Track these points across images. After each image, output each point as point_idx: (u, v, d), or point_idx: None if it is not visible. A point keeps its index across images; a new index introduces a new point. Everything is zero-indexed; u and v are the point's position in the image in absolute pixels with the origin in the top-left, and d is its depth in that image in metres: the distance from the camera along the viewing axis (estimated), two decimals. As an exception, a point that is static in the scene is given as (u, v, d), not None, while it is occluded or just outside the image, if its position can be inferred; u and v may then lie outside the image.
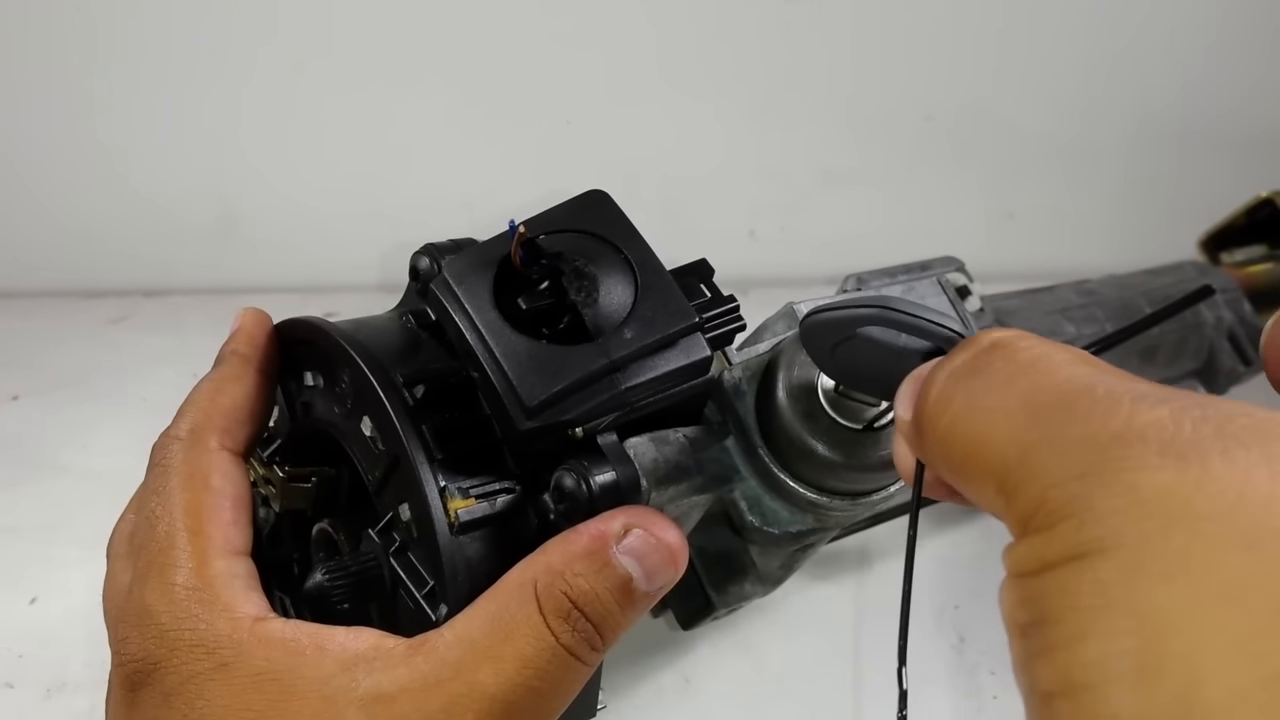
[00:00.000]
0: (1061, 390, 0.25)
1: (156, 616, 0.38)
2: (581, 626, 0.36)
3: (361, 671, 0.36)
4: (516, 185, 0.95)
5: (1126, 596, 0.21)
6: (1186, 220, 0.90)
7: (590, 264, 0.40)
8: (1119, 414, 0.24)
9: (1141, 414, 0.24)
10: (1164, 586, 0.21)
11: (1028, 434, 0.25)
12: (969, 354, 0.29)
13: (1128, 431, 0.23)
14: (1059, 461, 0.24)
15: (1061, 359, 0.27)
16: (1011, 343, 0.28)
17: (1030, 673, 0.24)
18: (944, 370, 0.29)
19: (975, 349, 0.29)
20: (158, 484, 0.41)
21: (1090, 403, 0.25)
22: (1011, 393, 0.26)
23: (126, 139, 0.93)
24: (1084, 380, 0.26)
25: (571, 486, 0.37)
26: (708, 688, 0.63)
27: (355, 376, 0.42)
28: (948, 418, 0.28)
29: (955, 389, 0.28)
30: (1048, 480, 0.24)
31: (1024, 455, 0.25)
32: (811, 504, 0.41)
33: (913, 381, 0.31)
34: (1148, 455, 0.23)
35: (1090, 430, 0.24)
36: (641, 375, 0.38)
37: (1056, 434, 0.24)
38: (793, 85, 0.98)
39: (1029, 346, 0.28)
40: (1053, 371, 0.26)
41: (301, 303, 0.95)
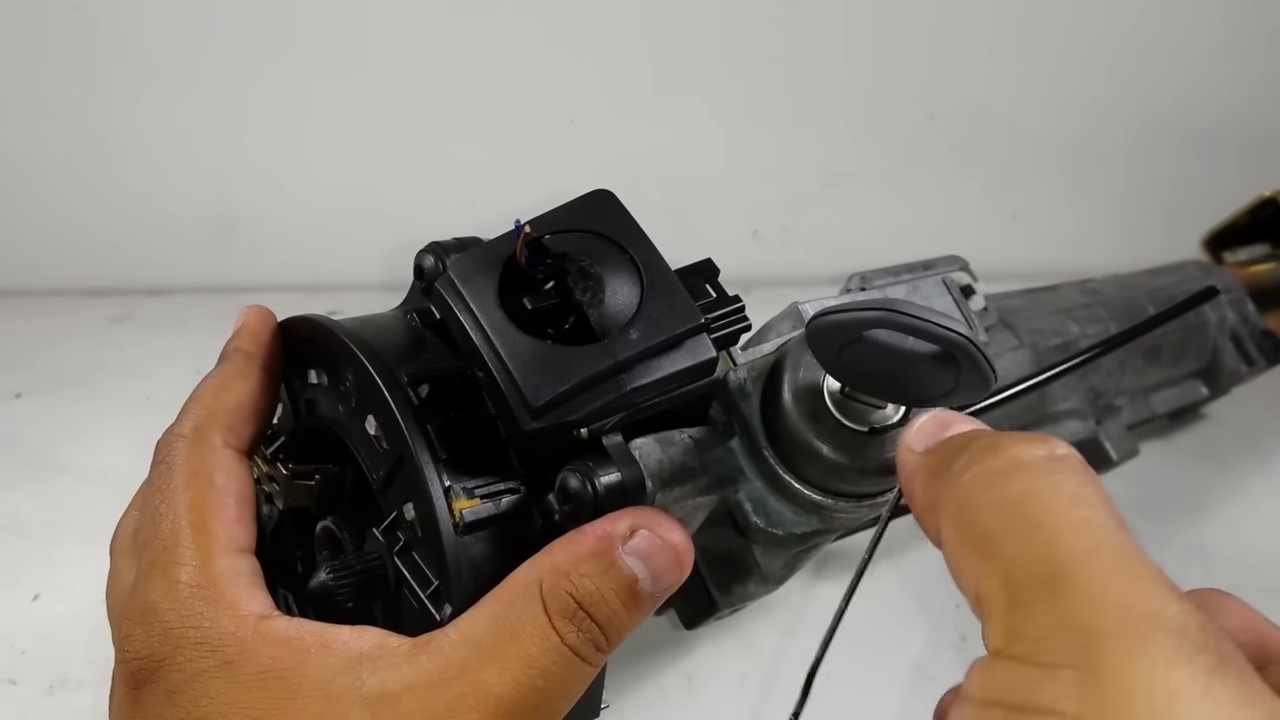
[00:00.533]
0: (1113, 541, 0.26)
1: (161, 614, 0.38)
2: (587, 627, 0.36)
3: (366, 670, 0.36)
4: (519, 184, 0.95)
5: None
6: (1188, 219, 0.90)
7: (596, 264, 0.40)
8: (1158, 595, 0.24)
9: (1174, 605, 0.24)
10: None
11: (1061, 564, 0.25)
12: (1032, 451, 0.28)
13: (1160, 616, 0.24)
14: (1086, 607, 0.24)
15: (1115, 515, 0.27)
16: (1072, 462, 0.28)
17: None
18: (997, 457, 0.29)
19: (1037, 452, 0.28)
20: (161, 481, 0.41)
21: (1134, 570, 0.25)
22: (1067, 516, 0.26)
23: (129, 138, 0.93)
24: (1125, 542, 0.26)
25: (576, 487, 0.37)
26: (710, 687, 0.63)
27: (359, 375, 0.42)
28: (983, 499, 0.28)
29: (1002, 479, 0.28)
30: (1067, 619, 0.24)
31: (1052, 581, 0.25)
32: (816, 505, 0.41)
33: (937, 425, 0.31)
34: (1171, 649, 0.23)
35: (1127, 596, 0.24)
36: (647, 376, 0.38)
37: (1095, 580, 0.24)
38: (795, 85, 0.98)
39: (1086, 480, 0.27)
40: (1109, 519, 0.26)
41: (304, 302, 0.95)
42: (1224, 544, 0.75)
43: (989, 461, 0.29)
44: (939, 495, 0.30)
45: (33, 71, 0.89)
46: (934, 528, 0.30)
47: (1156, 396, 0.77)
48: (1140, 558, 0.25)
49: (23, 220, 0.96)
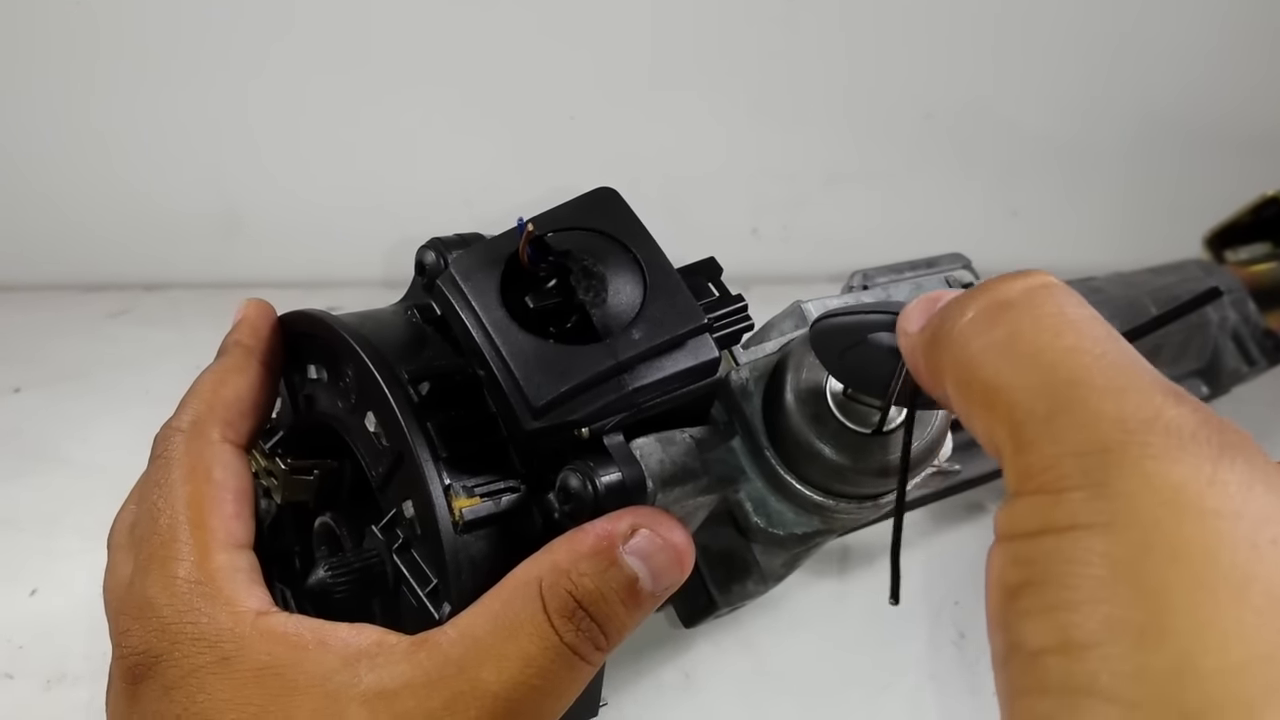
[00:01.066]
0: (1101, 363, 0.26)
1: (158, 609, 0.38)
2: (586, 626, 0.36)
3: (364, 667, 0.36)
4: (519, 181, 0.95)
5: (1133, 572, 0.23)
6: (1190, 218, 0.89)
7: (598, 263, 0.39)
8: (1152, 402, 0.25)
9: (1171, 407, 0.25)
10: (1172, 568, 0.22)
11: (1059, 394, 0.26)
12: (1011, 287, 0.29)
13: (1156, 421, 0.24)
14: (1085, 433, 0.25)
15: (1101, 331, 0.27)
16: (1051, 290, 0.28)
17: (1016, 630, 0.25)
18: (979, 299, 0.29)
19: (1016, 286, 0.29)
20: (159, 476, 0.41)
21: (1126, 383, 0.25)
22: (1052, 346, 0.27)
23: (128, 132, 0.92)
24: (1121, 359, 0.26)
25: (577, 487, 0.37)
26: (708, 684, 0.63)
27: (359, 371, 0.41)
28: (975, 347, 0.28)
29: (988, 323, 0.28)
30: (1069, 447, 0.25)
31: (1050, 415, 0.25)
32: (818, 506, 0.41)
33: (928, 301, 0.32)
34: (1170, 448, 0.24)
35: (1122, 410, 0.25)
36: (649, 376, 0.38)
37: (1088, 404, 0.25)
38: (795, 83, 0.98)
39: (1067, 304, 0.28)
40: (1095, 340, 0.27)
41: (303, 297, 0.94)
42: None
43: (972, 309, 0.29)
44: (939, 360, 0.30)
45: (32, 66, 0.88)
46: (942, 395, 0.30)
47: (1157, 396, 0.77)
48: (1132, 369, 0.26)
49: (21, 215, 0.95)
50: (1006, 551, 0.26)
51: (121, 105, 0.91)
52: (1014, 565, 0.25)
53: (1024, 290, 0.28)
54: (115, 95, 0.90)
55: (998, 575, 0.26)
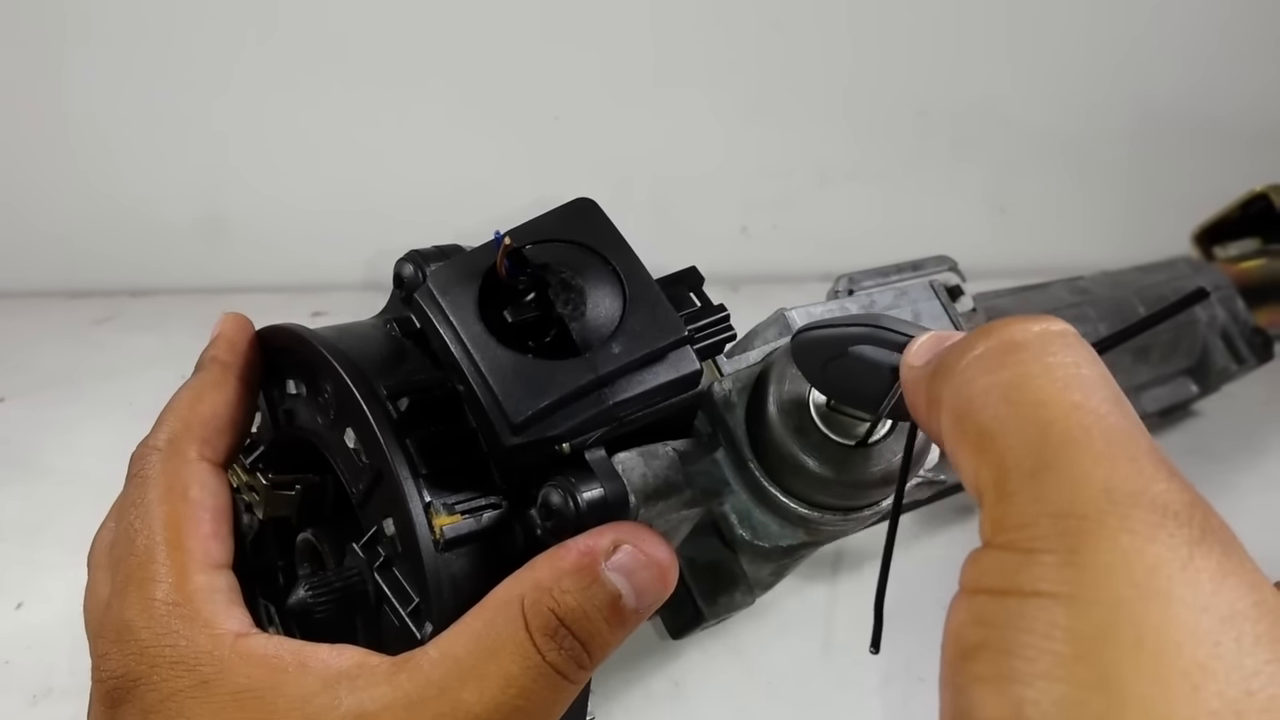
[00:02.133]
0: (1101, 425, 0.25)
1: (136, 633, 0.38)
2: (569, 645, 0.36)
3: (344, 690, 0.35)
4: (505, 181, 0.94)
5: (1094, 653, 0.22)
6: (1181, 216, 0.89)
7: (577, 275, 0.39)
8: (1142, 475, 0.24)
9: (1160, 482, 0.24)
10: (1131, 655, 0.22)
11: (1051, 450, 0.25)
12: (1027, 330, 0.28)
13: (1143, 494, 0.24)
14: (1067, 495, 0.24)
15: (1110, 392, 0.26)
16: (1068, 339, 0.27)
17: (967, 695, 0.24)
18: (991, 336, 0.28)
19: (1032, 330, 0.28)
20: (136, 496, 0.41)
21: (1120, 451, 0.24)
22: (1056, 399, 0.26)
23: (114, 138, 0.92)
24: (1122, 424, 0.25)
25: (558, 503, 0.37)
26: (698, 692, 0.63)
27: (338, 388, 0.41)
28: (978, 386, 0.27)
29: (996, 362, 0.27)
30: (1049, 507, 0.24)
31: (1037, 470, 0.25)
32: (802, 519, 0.40)
33: (937, 338, 0.31)
34: (1151, 525, 0.23)
35: (1111, 479, 0.24)
36: (630, 390, 0.37)
37: (1077, 466, 0.24)
38: (785, 81, 0.98)
39: (1082, 357, 0.27)
40: (1101, 400, 0.26)
41: (289, 302, 0.94)
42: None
43: (981, 345, 0.28)
44: (938, 391, 0.29)
45: (17, 72, 0.88)
46: (935, 429, 0.29)
47: (1146, 395, 0.77)
48: (1130, 437, 0.25)
49: (6, 221, 0.95)
50: (968, 607, 0.25)
51: (107, 111, 0.90)
52: (973, 624, 0.24)
53: (1039, 335, 0.27)
54: (101, 101, 0.90)
55: (955, 630, 0.25)
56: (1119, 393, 0.27)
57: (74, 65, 0.88)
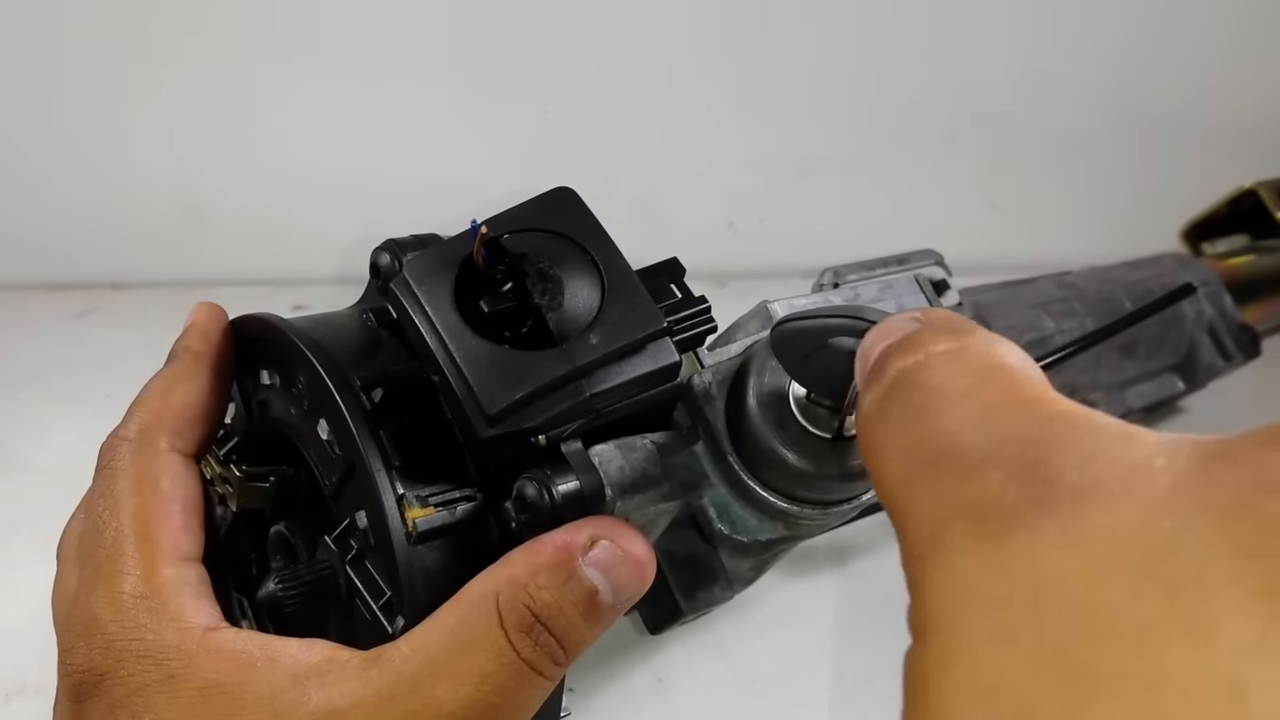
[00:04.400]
0: (936, 446, 0.24)
1: (103, 626, 0.37)
2: (544, 641, 0.35)
3: (314, 685, 0.35)
4: (491, 175, 0.94)
5: (930, 686, 0.21)
6: (1169, 211, 0.89)
7: (555, 266, 0.38)
8: (960, 483, 0.23)
9: (977, 483, 0.23)
10: (941, 680, 0.21)
11: (901, 495, 0.24)
12: (888, 368, 0.27)
13: (958, 505, 0.23)
14: (912, 534, 0.23)
15: (953, 398, 0.25)
16: (915, 374, 0.26)
17: None
18: (872, 389, 0.27)
19: (892, 368, 0.27)
20: (105, 487, 0.40)
21: (945, 468, 0.24)
22: (901, 440, 0.25)
23: (93, 129, 0.91)
24: (955, 435, 0.24)
25: (533, 496, 0.36)
26: (681, 687, 0.62)
27: (311, 378, 0.40)
28: (867, 439, 0.27)
29: (874, 414, 0.27)
30: (907, 551, 0.24)
31: (900, 518, 0.24)
32: (781, 512, 0.40)
33: (861, 360, 0.30)
34: (966, 537, 0.22)
35: (938, 503, 0.23)
36: (607, 382, 0.37)
37: (915, 503, 0.24)
38: (772, 75, 0.97)
39: (928, 382, 0.26)
40: (939, 418, 0.25)
41: (271, 295, 0.93)
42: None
43: (874, 390, 0.27)
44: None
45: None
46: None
47: (1132, 391, 0.76)
48: (974, 443, 0.24)
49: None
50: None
51: (86, 101, 0.89)
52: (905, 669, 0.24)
53: (902, 369, 0.26)
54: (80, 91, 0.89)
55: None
56: (963, 369, 0.25)
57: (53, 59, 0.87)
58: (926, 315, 0.28)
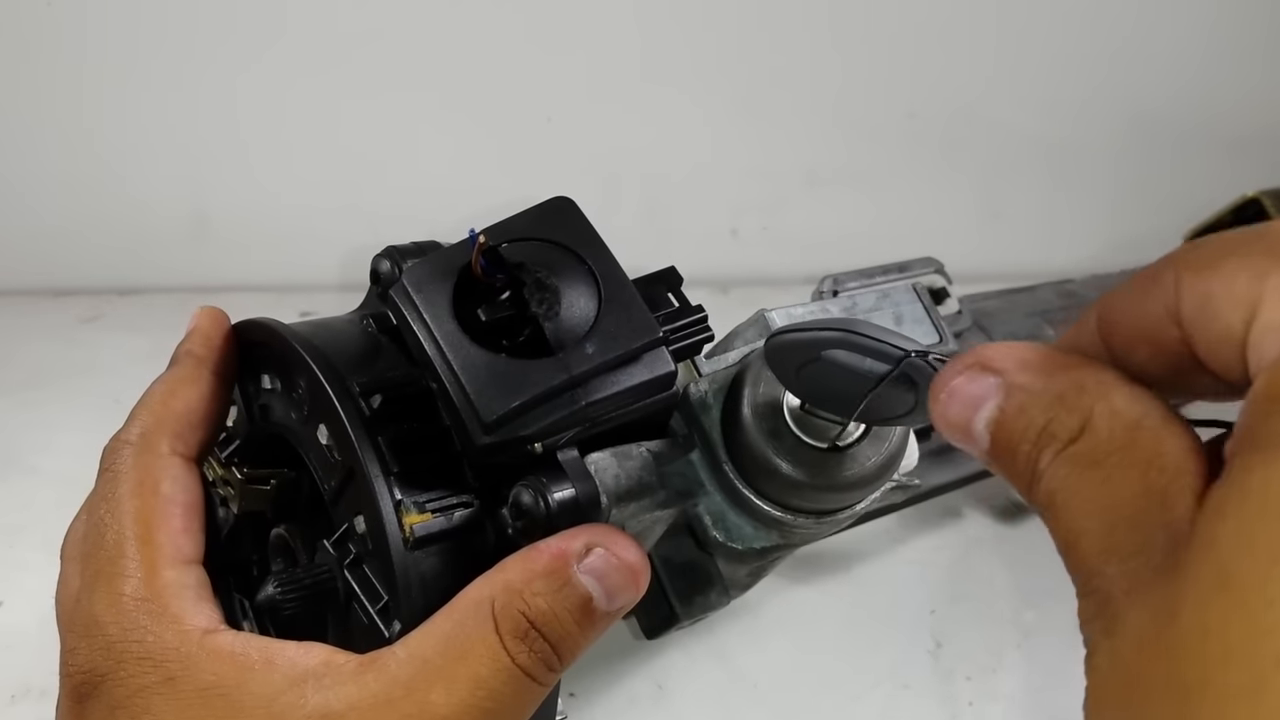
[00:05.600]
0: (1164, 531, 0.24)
1: (104, 628, 0.37)
2: (539, 647, 0.36)
3: (310, 688, 0.35)
4: (496, 183, 0.94)
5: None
6: (1172, 220, 0.89)
7: (553, 275, 0.39)
8: None
9: None
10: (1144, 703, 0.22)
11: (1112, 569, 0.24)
12: (1104, 432, 0.26)
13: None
14: None
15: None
16: (1147, 446, 0.25)
17: None
18: (1058, 439, 0.26)
19: (1108, 432, 0.26)
20: (107, 490, 0.41)
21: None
22: (1122, 509, 0.25)
23: (101, 135, 0.92)
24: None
25: (529, 503, 0.37)
26: (681, 694, 0.62)
27: (311, 383, 0.41)
28: (1056, 491, 0.26)
29: (1074, 472, 0.26)
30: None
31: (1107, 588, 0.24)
32: (776, 521, 0.40)
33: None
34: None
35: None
36: (603, 391, 0.37)
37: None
38: (776, 82, 0.97)
39: (1161, 459, 0.25)
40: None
41: (277, 302, 0.94)
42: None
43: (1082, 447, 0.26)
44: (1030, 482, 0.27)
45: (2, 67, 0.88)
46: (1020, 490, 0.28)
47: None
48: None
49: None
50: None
51: (95, 106, 0.90)
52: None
53: (1126, 435, 0.25)
54: (87, 99, 0.90)
55: None
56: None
57: (60, 65, 0.88)
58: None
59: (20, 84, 0.88)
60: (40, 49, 0.87)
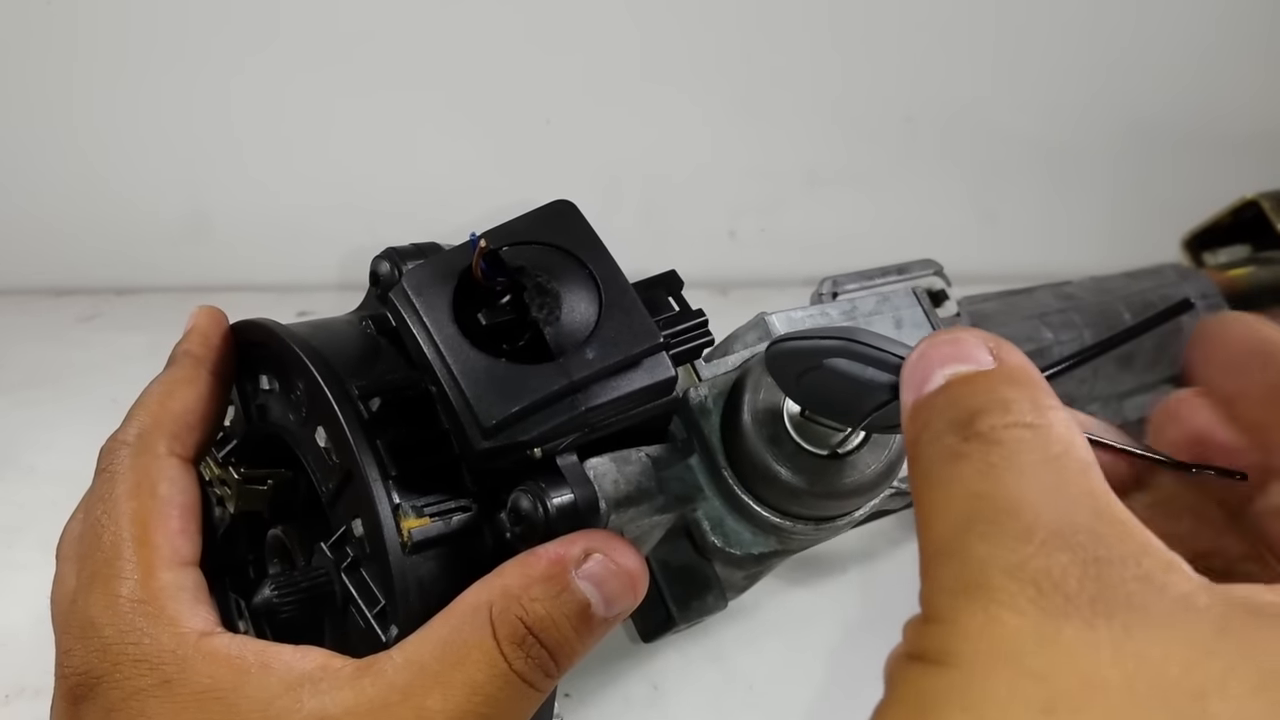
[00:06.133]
0: (1004, 503, 0.26)
1: (100, 629, 0.37)
2: (536, 653, 0.36)
3: (307, 692, 0.35)
4: (496, 184, 0.94)
5: (934, 709, 0.24)
6: (1170, 222, 0.89)
7: (553, 279, 0.39)
8: (1023, 550, 0.25)
9: (1042, 557, 0.24)
10: (950, 710, 0.23)
11: (952, 536, 0.26)
12: (974, 407, 0.28)
13: (1020, 570, 0.24)
14: (956, 572, 0.25)
15: (1029, 468, 0.26)
16: (999, 433, 0.27)
17: None
18: (949, 432, 0.28)
19: (987, 423, 0.27)
20: (104, 491, 0.40)
21: (1006, 526, 0.25)
22: (970, 486, 0.27)
23: (100, 134, 0.91)
24: (1025, 502, 0.26)
25: (528, 508, 0.37)
26: (677, 696, 0.62)
27: (309, 385, 0.41)
28: (930, 472, 0.28)
29: (947, 455, 0.28)
30: (944, 584, 0.25)
31: (940, 552, 0.26)
32: (774, 527, 0.40)
33: (931, 357, 0.30)
34: (1020, 598, 0.24)
35: (994, 555, 0.25)
36: (603, 396, 0.37)
37: (968, 547, 0.25)
38: (774, 85, 0.97)
39: (1009, 443, 0.27)
40: (1013, 481, 0.26)
41: (276, 302, 0.94)
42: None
43: (941, 424, 0.28)
44: (912, 430, 0.29)
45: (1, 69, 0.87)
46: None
47: (1129, 403, 0.76)
48: (1038, 517, 0.25)
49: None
50: (887, 665, 0.27)
51: (94, 106, 0.90)
52: (885, 681, 0.26)
53: (988, 428, 0.27)
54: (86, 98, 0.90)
55: (886, 679, 0.27)
56: (1048, 436, 0.27)
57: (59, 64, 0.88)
58: (1001, 357, 0.29)
59: (20, 83, 0.88)
60: (39, 48, 0.87)
